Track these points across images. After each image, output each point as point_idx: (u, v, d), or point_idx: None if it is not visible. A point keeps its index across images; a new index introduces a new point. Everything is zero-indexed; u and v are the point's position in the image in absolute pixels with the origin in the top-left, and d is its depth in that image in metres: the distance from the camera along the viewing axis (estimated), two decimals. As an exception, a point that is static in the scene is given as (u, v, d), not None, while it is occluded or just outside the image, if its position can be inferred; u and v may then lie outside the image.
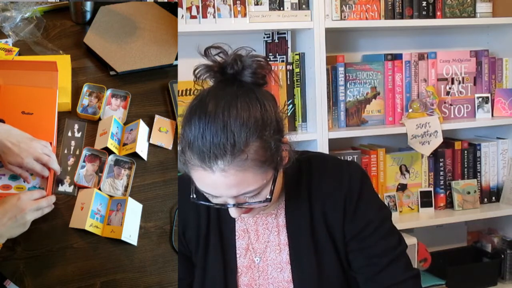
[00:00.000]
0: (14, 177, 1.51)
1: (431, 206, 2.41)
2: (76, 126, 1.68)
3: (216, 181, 1.05)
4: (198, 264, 1.28)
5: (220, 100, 1.06)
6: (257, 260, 1.25)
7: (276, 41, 2.28)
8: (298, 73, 2.20)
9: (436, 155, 2.41)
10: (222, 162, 1.02)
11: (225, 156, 1.02)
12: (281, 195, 1.24)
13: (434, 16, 2.34)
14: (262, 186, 1.08)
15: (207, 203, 1.13)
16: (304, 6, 2.17)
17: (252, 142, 1.04)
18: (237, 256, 1.25)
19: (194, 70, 1.12)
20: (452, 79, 2.43)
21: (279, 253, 1.25)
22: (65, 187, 1.57)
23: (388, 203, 2.34)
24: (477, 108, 2.46)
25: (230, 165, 1.03)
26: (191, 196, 1.13)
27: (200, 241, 1.27)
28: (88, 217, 1.47)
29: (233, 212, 1.12)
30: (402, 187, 2.40)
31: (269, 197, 1.10)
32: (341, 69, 2.26)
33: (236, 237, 1.26)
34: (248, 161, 1.03)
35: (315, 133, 2.17)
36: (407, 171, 2.40)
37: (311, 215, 1.23)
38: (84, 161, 1.60)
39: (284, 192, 1.24)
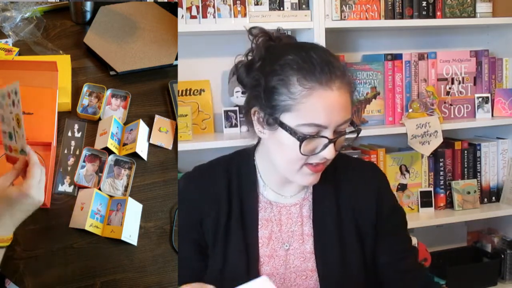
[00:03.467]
0: None
1: (431, 206, 2.41)
2: (76, 126, 1.68)
3: (334, 101, 1.11)
4: (217, 253, 1.27)
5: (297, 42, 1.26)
6: (285, 247, 1.26)
7: (276, 41, 2.28)
8: (298, 73, 2.20)
9: (436, 155, 2.41)
10: (339, 81, 1.12)
11: (339, 76, 1.12)
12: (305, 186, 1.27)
13: (434, 16, 2.34)
14: (351, 117, 1.17)
15: (311, 134, 1.13)
16: (304, 6, 2.17)
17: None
18: (260, 245, 1.26)
19: (252, 28, 1.23)
20: (452, 79, 2.43)
21: (302, 243, 1.26)
22: (65, 187, 1.57)
23: (388, 203, 2.34)
24: (477, 108, 2.46)
25: (342, 84, 1.13)
26: (294, 134, 1.12)
27: (219, 230, 1.26)
28: (88, 217, 1.48)
29: (330, 150, 1.14)
30: (402, 187, 2.40)
31: (358, 125, 1.20)
32: (341, 69, 2.26)
33: (259, 227, 1.27)
34: (350, 85, 1.15)
35: (315, 133, 2.17)
36: (407, 171, 2.39)
37: (338, 207, 1.27)
38: (84, 161, 1.60)
39: None
